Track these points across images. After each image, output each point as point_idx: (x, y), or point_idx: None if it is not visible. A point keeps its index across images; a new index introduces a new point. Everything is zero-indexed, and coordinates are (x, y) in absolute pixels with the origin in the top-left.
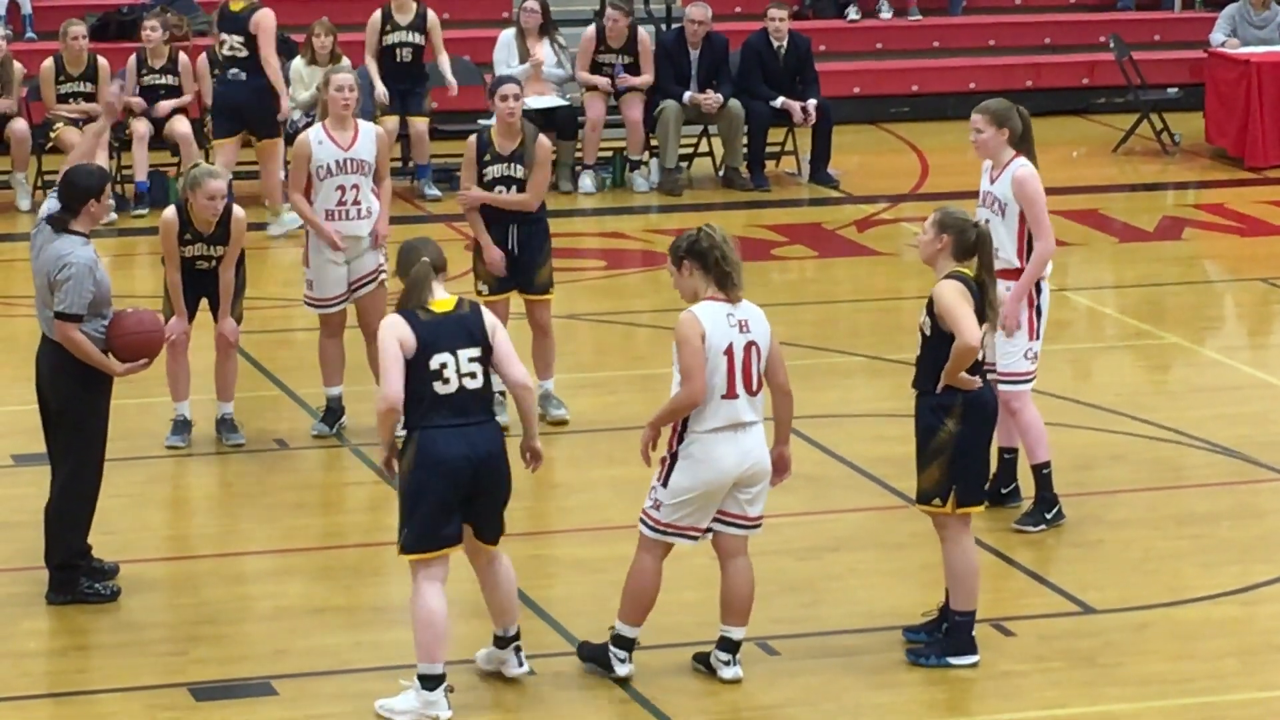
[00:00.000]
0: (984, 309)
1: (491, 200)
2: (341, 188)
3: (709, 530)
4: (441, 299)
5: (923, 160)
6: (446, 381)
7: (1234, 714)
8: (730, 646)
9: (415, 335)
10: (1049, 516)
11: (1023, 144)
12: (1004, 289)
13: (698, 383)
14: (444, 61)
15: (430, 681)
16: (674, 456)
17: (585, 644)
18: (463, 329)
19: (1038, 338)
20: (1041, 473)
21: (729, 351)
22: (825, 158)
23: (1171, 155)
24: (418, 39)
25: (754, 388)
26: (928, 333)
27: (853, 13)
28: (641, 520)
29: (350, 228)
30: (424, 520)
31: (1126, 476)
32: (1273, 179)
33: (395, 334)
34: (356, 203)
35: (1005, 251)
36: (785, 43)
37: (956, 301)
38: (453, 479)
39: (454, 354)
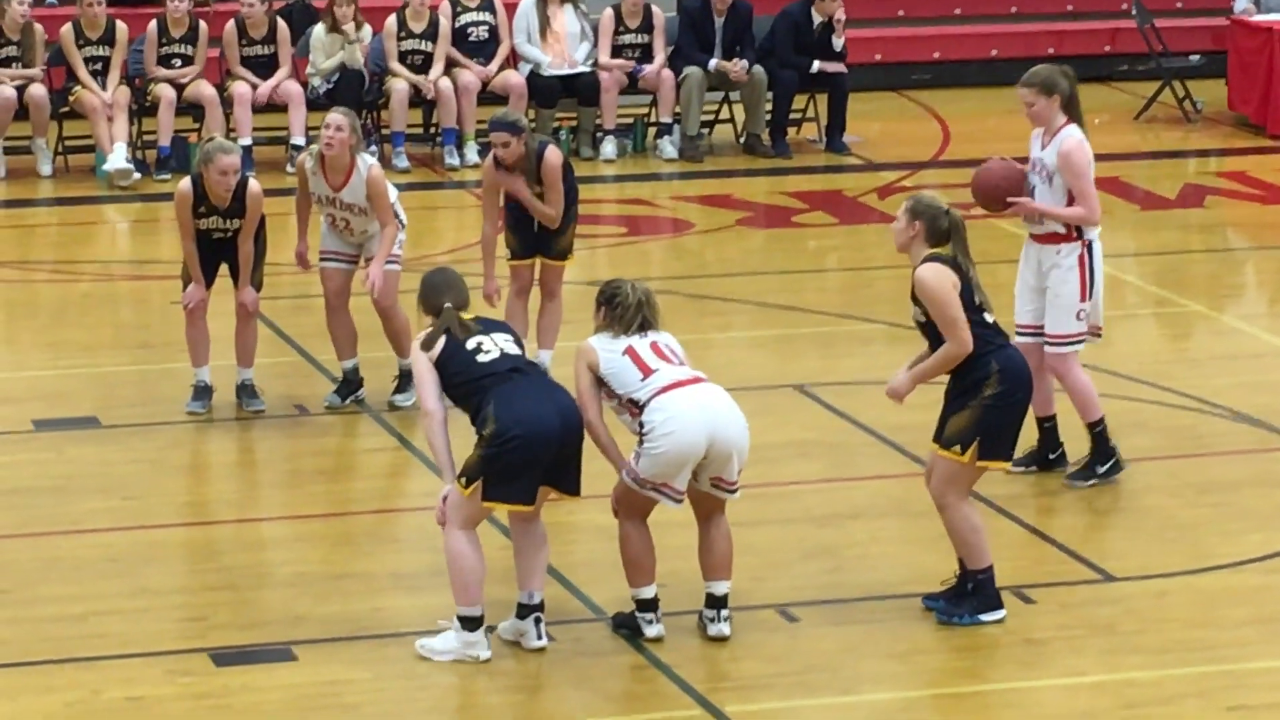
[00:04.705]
0: (970, 290)
1: (523, 201)
2: (332, 217)
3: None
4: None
5: (944, 127)
6: (487, 353)
7: (1254, 681)
8: (715, 603)
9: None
10: (1101, 471)
11: (1071, 106)
12: (1054, 252)
13: (588, 412)
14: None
15: (470, 623)
16: (641, 427)
17: (618, 613)
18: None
19: (1089, 298)
20: (1095, 430)
21: (628, 351)
22: (841, 127)
23: (1193, 123)
24: (429, 47)
25: (674, 362)
26: (922, 319)
27: None
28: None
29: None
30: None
31: (1148, 444)
32: None
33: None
34: (350, 230)
35: (1049, 219)
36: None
37: (948, 296)
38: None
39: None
